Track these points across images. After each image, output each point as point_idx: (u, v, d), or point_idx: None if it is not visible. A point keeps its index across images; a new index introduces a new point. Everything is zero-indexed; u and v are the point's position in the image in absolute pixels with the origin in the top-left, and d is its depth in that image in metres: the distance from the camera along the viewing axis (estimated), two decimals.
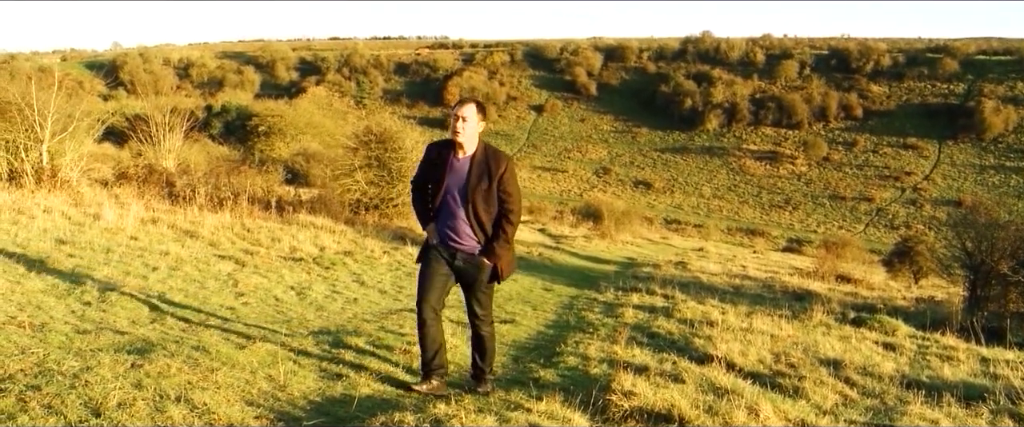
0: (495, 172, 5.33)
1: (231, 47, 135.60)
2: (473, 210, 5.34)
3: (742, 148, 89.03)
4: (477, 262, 5.41)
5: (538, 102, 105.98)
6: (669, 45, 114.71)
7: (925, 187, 76.13)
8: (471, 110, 5.36)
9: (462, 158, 5.39)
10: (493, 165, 5.36)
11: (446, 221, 5.43)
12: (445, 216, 5.43)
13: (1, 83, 15.52)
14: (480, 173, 5.34)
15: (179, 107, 25.73)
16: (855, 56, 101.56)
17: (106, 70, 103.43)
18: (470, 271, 5.44)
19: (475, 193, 5.32)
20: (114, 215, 11.69)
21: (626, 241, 28.01)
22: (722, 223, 66.15)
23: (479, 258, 5.40)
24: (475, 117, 5.38)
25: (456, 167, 5.39)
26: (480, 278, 5.44)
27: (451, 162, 5.40)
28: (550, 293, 12.35)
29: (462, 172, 5.36)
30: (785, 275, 18.36)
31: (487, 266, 5.41)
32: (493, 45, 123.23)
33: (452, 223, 5.39)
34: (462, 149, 5.38)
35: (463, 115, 5.33)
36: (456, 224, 5.38)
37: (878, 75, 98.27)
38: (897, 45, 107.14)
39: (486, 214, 5.37)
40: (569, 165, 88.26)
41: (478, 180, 5.32)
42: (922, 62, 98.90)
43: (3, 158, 14.13)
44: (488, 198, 5.36)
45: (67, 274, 8.00)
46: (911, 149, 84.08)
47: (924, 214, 69.45)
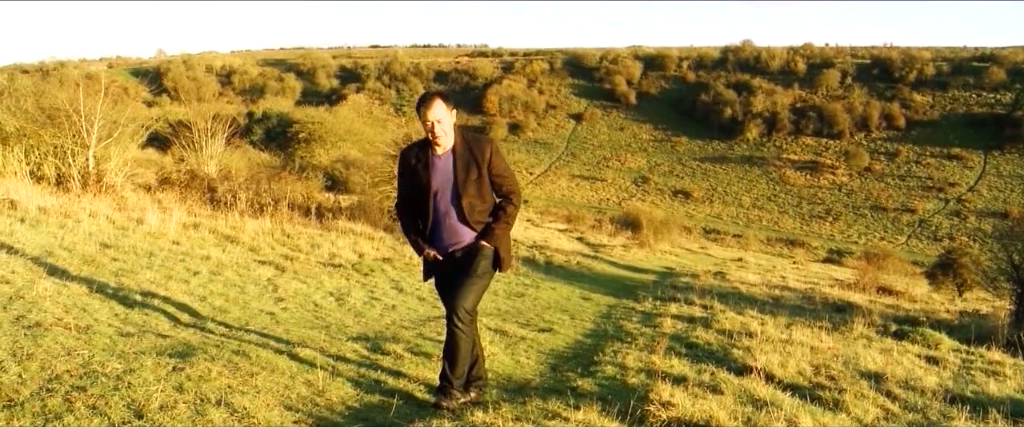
0: (482, 159, 5.01)
1: (273, 54, 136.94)
2: (468, 204, 5.00)
3: (782, 158, 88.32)
4: (476, 247, 5.03)
5: (577, 110, 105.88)
6: (709, 54, 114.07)
7: (970, 198, 75.01)
8: (441, 108, 4.92)
9: (442, 154, 5.03)
10: (477, 152, 5.03)
11: (439, 225, 5.08)
12: (439, 223, 5.08)
13: (51, 90, 15.79)
14: (467, 163, 5.00)
15: (221, 114, 25.96)
16: (898, 65, 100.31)
17: (150, 77, 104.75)
18: (468, 257, 5.03)
19: (467, 187, 4.98)
20: (157, 220, 11.83)
21: (664, 250, 27.89)
22: (761, 233, 65.60)
23: (478, 242, 5.04)
24: (447, 113, 4.95)
25: (439, 166, 5.02)
26: (477, 264, 4.99)
27: (432, 162, 5.02)
28: (588, 302, 12.32)
29: (447, 169, 5.01)
30: (825, 286, 18.17)
31: (487, 249, 5.04)
32: (532, 53, 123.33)
33: (446, 225, 5.06)
34: (440, 145, 5.01)
35: (437, 118, 4.89)
36: (450, 224, 5.05)
37: (922, 84, 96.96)
38: (942, 54, 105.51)
39: (482, 207, 5.07)
40: (608, 174, 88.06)
41: (466, 172, 4.98)
42: (968, 71, 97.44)
43: (51, 163, 14.35)
44: (481, 189, 5.04)
45: (111, 277, 8.11)
46: (955, 160, 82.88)
47: (968, 226, 68.47)
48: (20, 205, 10.96)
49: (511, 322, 8.75)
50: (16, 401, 3.96)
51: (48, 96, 15.17)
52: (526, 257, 16.77)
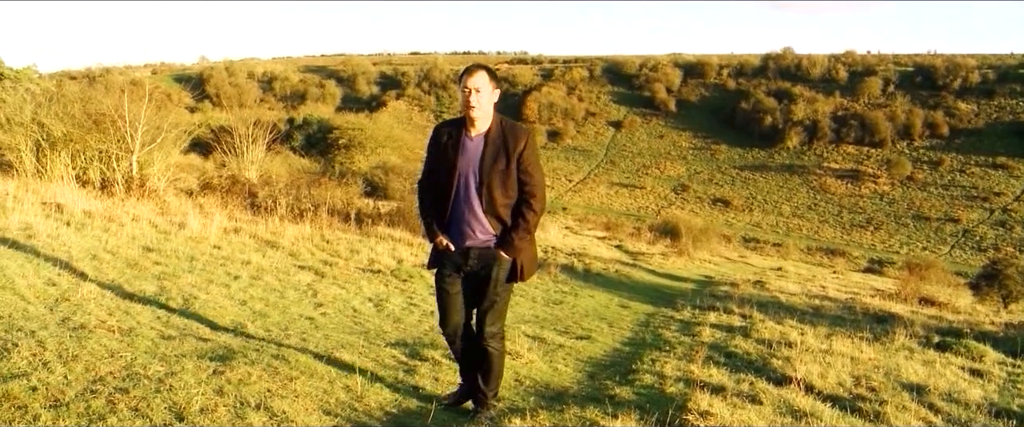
0: (513, 149, 4.67)
1: (313, 61, 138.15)
2: (488, 195, 4.67)
3: (823, 166, 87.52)
4: (493, 257, 4.73)
5: (617, 118, 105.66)
6: (749, 61, 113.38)
7: (1016, 208, 73.76)
8: (483, 79, 4.67)
9: (475, 136, 4.73)
10: (511, 141, 4.69)
11: (457, 212, 4.77)
12: (458, 210, 4.77)
13: (97, 96, 16.03)
14: (496, 151, 4.67)
15: (262, 120, 26.31)
16: (942, 73, 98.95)
17: (193, 83, 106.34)
18: (485, 269, 4.76)
19: (491, 175, 4.65)
20: (198, 224, 11.96)
21: (704, 259, 27.70)
22: (801, 242, 64.94)
23: (494, 251, 4.73)
24: (488, 86, 4.69)
25: (469, 147, 4.71)
26: (495, 277, 4.74)
27: (463, 142, 4.73)
28: (626, 310, 12.27)
29: (476, 152, 4.70)
30: (866, 296, 17.94)
31: (504, 261, 4.74)
32: (572, 61, 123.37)
33: (463, 214, 4.75)
34: (474, 125, 4.72)
35: (476, 86, 4.62)
36: (470, 214, 4.73)
37: (966, 92, 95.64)
38: (988, 61, 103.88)
39: (504, 200, 4.72)
40: (647, 181, 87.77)
41: (494, 159, 4.65)
42: (1014, 78, 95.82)
43: (96, 167, 14.58)
44: (506, 181, 4.68)
45: (153, 281, 8.21)
46: (1001, 169, 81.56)
47: (1014, 236, 67.34)
48: (66, 209, 11.14)
49: (549, 329, 8.73)
50: (62, 401, 4.02)
51: (94, 102, 15.42)
52: (565, 264, 16.72)
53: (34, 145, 14.62)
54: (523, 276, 4.84)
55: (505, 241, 4.72)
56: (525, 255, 4.80)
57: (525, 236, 4.74)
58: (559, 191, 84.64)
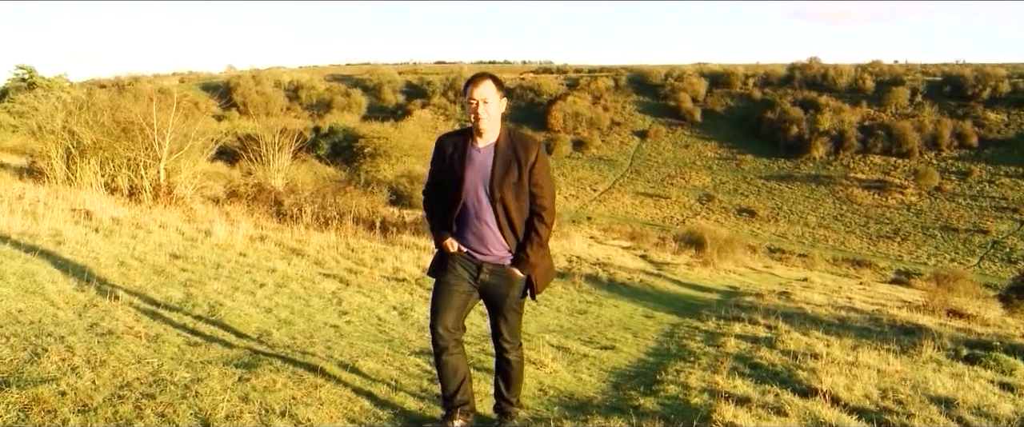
0: (525, 160, 4.49)
1: (339, 70, 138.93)
2: (503, 209, 4.51)
3: (849, 177, 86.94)
4: (507, 275, 4.60)
5: (642, 128, 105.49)
6: (775, 71, 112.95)
7: None
8: (491, 89, 4.48)
9: (483, 147, 4.53)
10: (521, 152, 4.51)
11: (469, 227, 4.60)
12: (467, 221, 4.60)
13: (126, 104, 16.19)
14: (506, 163, 4.48)
15: (288, 128, 26.42)
16: (971, 82, 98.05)
17: (220, 91, 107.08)
18: (499, 287, 4.62)
19: (504, 188, 4.46)
20: (224, 232, 12.04)
21: (729, 269, 27.57)
22: (827, 253, 64.50)
23: (509, 269, 4.60)
24: (496, 96, 4.49)
25: (477, 159, 4.52)
26: (510, 294, 4.62)
27: (470, 153, 4.53)
28: (651, 320, 12.22)
29: (485, 164, 4.50)
30: (893, 308, 17.78)
31: (519, 279, 4.61)
32: (597, 70, 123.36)
33: (476, 229, 4.58)
34: (482, 136, 4.53)
35: (483, 97, 4.43)
36: (481, 229, 4.57)
37: (996, 102, 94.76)
38: (1018, 70, 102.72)
39: (518, 213, 4.55)
40: (672, 191, 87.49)
41: (505, 171, 4.47)
42: None
43: (125, 175, 14.70)
44: (519, 193, 4.51)
45: (180, 287, 8.26)
46: None
47: None
48: (95, 215, 11.25)
49: (573, 339, 8.72)
50: (90, 406, 4.06)
51: (123, 110, 15.56)
52: (589, 274, 16.70)
53: (64, 152, 14.78)
54: (537, 291, 4.72)
55: (520, 258, 4.59)
56: (538, 270, 4.67)
57: (539, 250, 4.60)
58: (584, 201, 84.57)
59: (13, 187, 12.94)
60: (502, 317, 4.69)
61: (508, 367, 4.82)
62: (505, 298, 4.63)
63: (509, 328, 4.72)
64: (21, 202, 11.10)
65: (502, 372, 4.84)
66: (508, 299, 4.64)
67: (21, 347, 4.85)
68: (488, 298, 4.69)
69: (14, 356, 4.65)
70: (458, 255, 4.66)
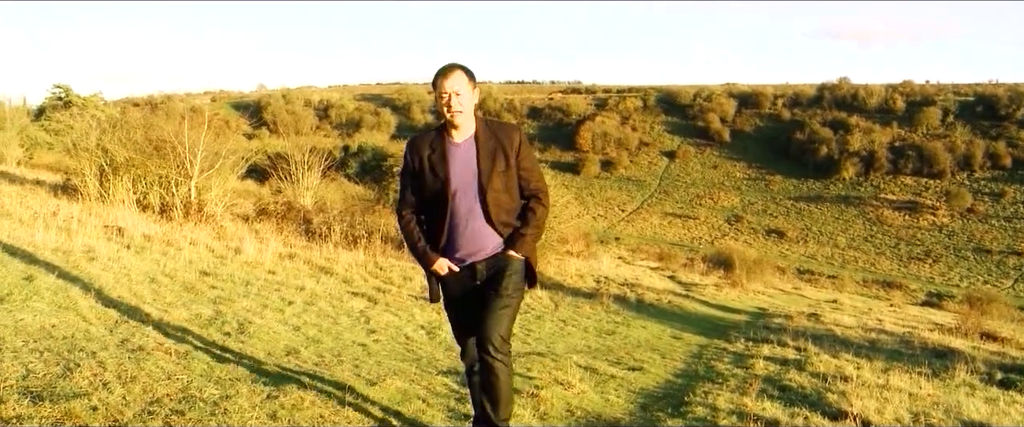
0: (509, 147, 4.23)
1: (369, 89, 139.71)
2: (495, 202, 4.20)
3: (879, 197, 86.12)
4: (503, 260, 4.24)
5: (670, 148, 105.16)
6: (805, 92, 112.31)
7: None
8: (462, 79, 4.20)
9: (462, 142, 4.25)
10: (504, 139, 4.25)
11: (461, 230, 4.25)
12: (458, 224, 4.24)
13: (158, 122, 16.36)
14: (491, 153, 4.20)
15: (318, 147, 26.59)
16: (1004, 102, 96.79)
17: (251, 110, 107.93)
18: (497, 274, 4.25)
19: (493, 179, 4.18)
20: (254, 249, 12.12)
21: (757, 291, 27.39)
22: (857, 275, 63.87)
23: (505, 253, 4.24)
24: (468, 87, 4.22)
25: (458, 156, 4.21)
26: (507, 282, 4.21)
27: (450, 152, 4.22)
28: (679, 341, 12.16)
29: (469, 159, 4.20)
30: (924, 330, 17.58)
31: (517, 262, 4.26)
32: (626, 90, 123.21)
33: (469, 229, 4.24)
34: (458, 130, 4.24)
35: (455, 89, 4.16)
36: (475, 228, 4.23)
37: None
38: None
39: (511, 203, 4.27)
40: (700, 212, 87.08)
41: (492, 162, 4.19)
42: None
43: (156, 192, 14.85)
44: (508, 183, 4.24)
45: (209, 304, 8.32)
46: None
47: None
48: (127, 232, 11.36)
49: (601, 360, 8.69)
50: (120, 422, 4.09)
51: (155, 128, 15.73)
52: (617, 295, 16.66)
53: (98, 170, 14.95)
54: (534, 281, 4.39)
55: (515, 239, 4.24)
56: (532, 256, 4.33)
57: (536, 233, 4.31)
58: (612, 221, 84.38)
59: (48, 204, 13.10)
60: (495, 314, 4.15)
61: (495, 380, 4.20)
62: (500, 285, 4.20)
63: (501, 329, 4.13)
64: (55, 218, 11.23)
65: (488, 388, 4.24)
66: (505, 283, 4.20)
67: (54, 362, 4.91)
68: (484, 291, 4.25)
69: (47, 370, 4.70)
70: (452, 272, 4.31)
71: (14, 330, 5.69)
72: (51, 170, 22.15)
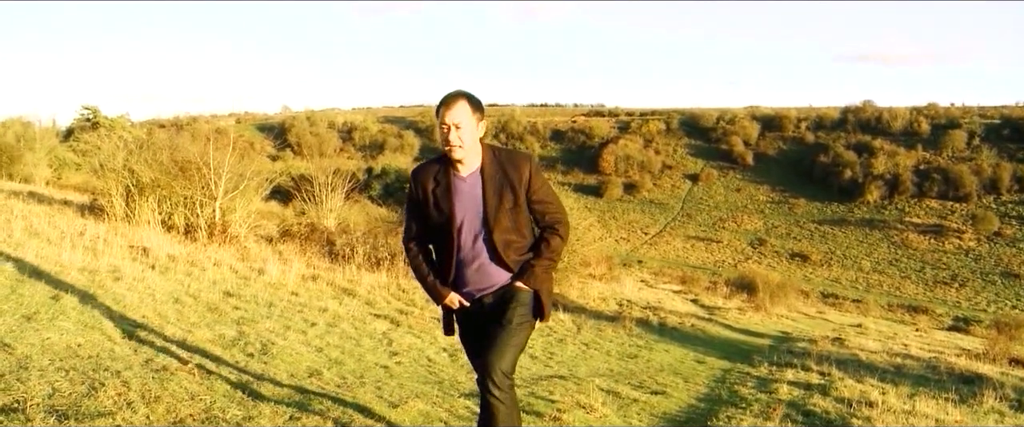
0: (519, 180, 3.95)
1: (392, 112, 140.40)
2: (503, 241, 3.96)
3: (904, 221, 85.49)
4: (509, 292, 4.01)
5: (693, 171, 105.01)
6: (828, 114, 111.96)
7: None
8: (464, 111, 3.90)
9: (468, 175, 3.99)
10: (512, 173, 3.96)
11: (467, 265, 4.05)
12: (465, 264, 4.05)
13: (184, 143, 16.50)
14: (498, 188, 3.94)
15: (341, 169, 26.78)
16: None
17: (275, 132, 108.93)
18: (501, 304, 4.02)
19: (500, 217, 3.94)
20: (277, 271, 12.16)
21: (781, 314, 27.23)
22: (882, 299, 63.31)
23: (513, 285, 4.02)
24: (471, 119, 3.92)
25: (463, 190, 3.97)
26: (512, 312, 3.94)
27: (455, 185, 3.98)
28: (702, 365, 12.10)
29: (474, 193, 3.96)
30: (951, 356, 17.40)
31: (525, 294, 4.00)
32: (649, 113, 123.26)
33: (476, 265, 4.03)
34: (462, 163, 3.99)
35: (455, 121, 3.87)
36: (482, 264, 4.02)
37: None
38: None
39: (520, 240, 4.04)
40: (724, 235, 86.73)
41: (499, 198, 3.93)
42: None
43: (181, 213, 14.96)
44: (518, 220, 4.00)
45: (233, 325, 8.35)
46: None
47: None
48: (152, 252, 11.44)
49: (623, 384, 8.65)
50: None
51: (181, 150, 15.87)
52: (640, 318, 16.60)
53: (124, 190, 15.09)
54: (545, 313, 4.08)
55: (525, 270, 4.01)
56: (545, 288, 4.06)
57: (549, 265, 4.05)
58: (635, 244, 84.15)
59: (75, 224, 13.21)
60: (500, 345, 3.89)
61: (494, 416, 3.88)
62: (507, 312, 3.96)
63: (503, 364, 3.85)
64: (82, 238, 11.33)
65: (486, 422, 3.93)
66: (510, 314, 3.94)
67: (79, 381, 4.94)
68: (488, 321, 4.03)
69: (73, 389, 4.73)
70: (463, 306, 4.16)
71: (41, 349, 5.73)
72: (79, 190, 22.39)
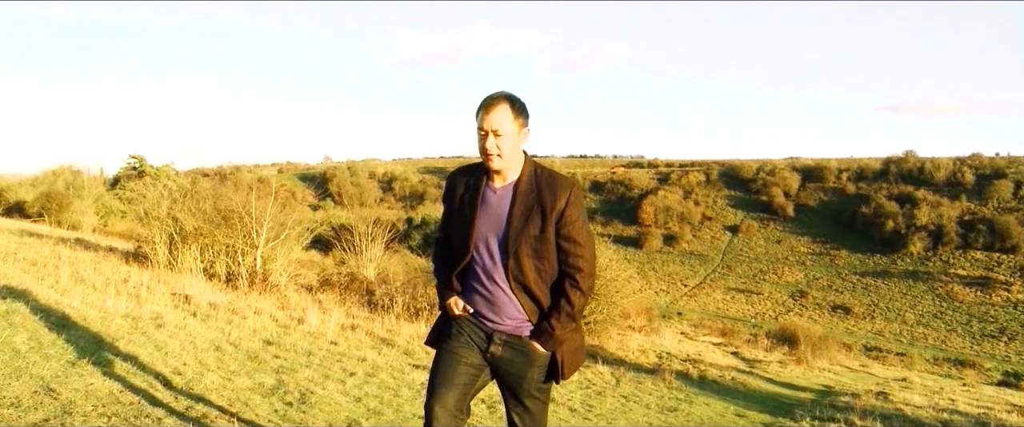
0: (552, 207, 3.54)
1: (432, 163, 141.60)
2: (517, 266, 3.55)
3: (949, 273, 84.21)
4: (526, 349, 3.65)
5: (733, 222, 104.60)
6: (870, 165, 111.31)
7: None
8: (505, 115, 3.54)
9: (500, 188, 3.63)
10: (548, 196, 3.55)
11: (477, 288, 3.70)
12: (475, 280, 3.70)
13: (227, 192, 16.72)
14: (527, 209, 3.55)
15: (381, 219, 26.92)
16: None
17: (317, 182, 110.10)
18: (515, 365, 3.67)
19: (521, 240, 3.53)
20: (317, 320, 12.21)
21: (823, 368, 26.80)
22: (927, 352, 62.17)
23: (528, 342, 3.64)
24: (513, 126, 3.56)
25: (491, 201, 3.62)
26: (529, 376, 3.65)
27: (485, 195, 3.63)
28: (743, 419, 11.93)
29: (500, 209, 3.59)
30: (1001, 412, 17.00)
31: (541, 355, 3.64)
32: (688, 164, 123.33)
33: (486, 290, 3.66)
34: (499, 175, 3.64)
35: (495, 127, 3.51)
36: (493, 292, 3.64)
37: None
38: None
39: (539, 274, 3.59)
40: (764, 287, 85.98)
41: (525, 219, 3.53)
42: None
43: (223, 261, 15.11)
44: (542, 250, 3.56)
45: (272, 373, 8.38)
46: None
47: None
48: (193, 300, 11.56)
49: None
50: None
51: (224, 198, 16.07)
52: (679, 371, 16.44)
53: (168, 238, 15.30)
54: (563, 375, 3.70)
55: (542, 331, 3.61)
56: (566, 347, 3.66)
57: (568, 323, 3.61)
58: (674, 296, 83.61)
59: (120, 270, 13.40)
60: (519, 406, 3.72)
61: None
62: (523, 380, 3.67)
63: (528, 422, 3.72)
64: (126, 285, 11.48)
65: None
66: (527, 382, 3.67)
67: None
68: (501, 378, 3.78)
69: None
70: (465, 318, 3.79)
71: (84, 394, 5.79)
72: (123, 237, 22.73)
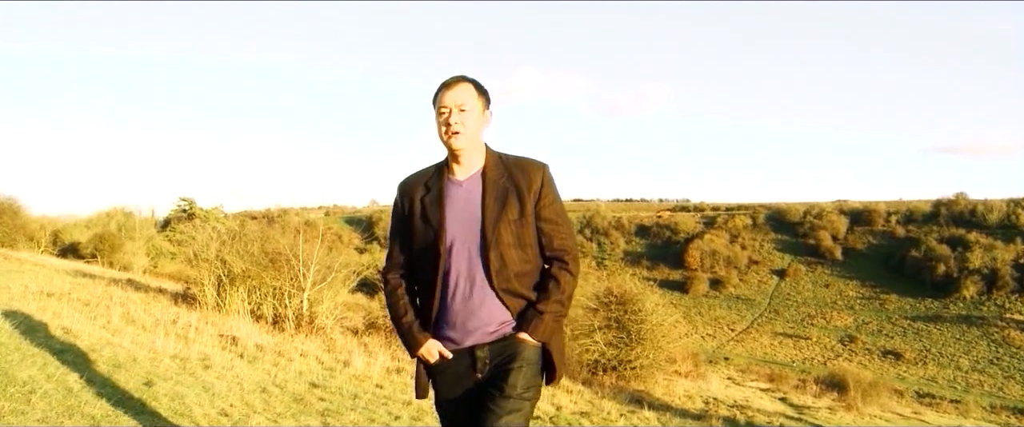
0: (527, 188, 3.23)
1: None
2: (500, 259, 3.15)
3: (1005, 318, 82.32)
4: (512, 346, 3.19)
5: (780, 266, 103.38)
6: (919, 208, 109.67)
7: None
8: (468, 92, 3.24)
9: (465, 180, 3.27)
10: (520, 178, 3.25)
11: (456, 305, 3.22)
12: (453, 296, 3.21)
13: (274, 235, 16.89)
14: (502, 194, 3.20)
15: None
16: None
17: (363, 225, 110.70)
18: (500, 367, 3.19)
19: (500, 229, 3.15)
20: (362, 363, 12.24)
21: (874, 414, 26.29)
22: (983, 399, 60.63)
23: (514, 336, 3.20)
24: (477, 105, 3.26)
25: (458, 196, 3.24)
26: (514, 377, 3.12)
27: (448, 191, 3.25)
28: None
29: (471, 201, 3.22)
30: None
31: (530, 348, 3.19)
32: (735, 208, 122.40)
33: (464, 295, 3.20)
34: (460, 163, 3.28)
35: (458, 102, 3.20)
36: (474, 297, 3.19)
37: None
38: None
39: (522, 265, 3.22)
40: (812, 332, 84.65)
41: (501, 205, 3.18)
42: None
43: (270, 303, 15.23)
44: (524, 236, 3.20)
45: (317, 416, 8.40)
46: None
47: None
48: (240, 341, 11.65)
49: None
50: None
51: (271, 241, 16.23)
52: (726, 417, 16.21)
53: (216, 280, 15.46)
54: (555, 376, 3.31)
55: (530, 318, 3.20)
56: (556, 342, 3.27)
57: (559, 309, 3.24)
58: (721, 340, 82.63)
59: (169, 311, 13.56)
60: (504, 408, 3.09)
61: None
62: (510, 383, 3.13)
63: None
64: (175, 326, 11.61)
65: None
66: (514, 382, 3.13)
67: None
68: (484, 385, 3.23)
69: None
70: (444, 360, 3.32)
71: None
72: (173, 279, 23.02)
